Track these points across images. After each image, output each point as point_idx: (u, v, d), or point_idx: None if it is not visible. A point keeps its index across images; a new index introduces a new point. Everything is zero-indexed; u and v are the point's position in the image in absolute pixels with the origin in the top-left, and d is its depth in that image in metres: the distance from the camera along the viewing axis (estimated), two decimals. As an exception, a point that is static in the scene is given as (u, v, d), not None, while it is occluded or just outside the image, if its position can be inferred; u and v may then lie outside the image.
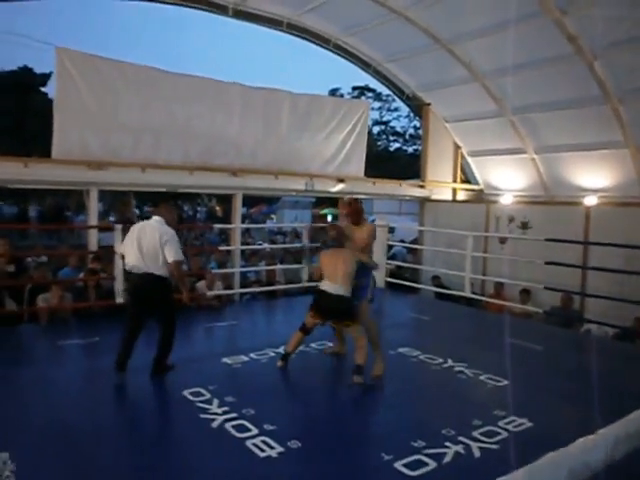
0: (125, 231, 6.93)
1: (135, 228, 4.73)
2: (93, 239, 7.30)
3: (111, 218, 16.30)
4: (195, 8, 8.62)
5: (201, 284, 7.64)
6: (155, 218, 4.73)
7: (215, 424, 3.72)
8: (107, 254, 7.06)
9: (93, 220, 7.36)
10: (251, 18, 9.12)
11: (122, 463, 3.25)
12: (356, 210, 5.17)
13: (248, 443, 3.44)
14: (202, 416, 3.85)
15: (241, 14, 8.92)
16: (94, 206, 7.37)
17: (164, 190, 8.29)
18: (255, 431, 3.60)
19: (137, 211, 16.28)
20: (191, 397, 4.19)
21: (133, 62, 7.77)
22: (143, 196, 19.52)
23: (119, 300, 6.54)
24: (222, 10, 8.70)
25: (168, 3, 8.45)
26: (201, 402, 4.10)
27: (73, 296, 6.76)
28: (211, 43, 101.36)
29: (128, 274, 4.77)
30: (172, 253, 4.53)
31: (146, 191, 10.63)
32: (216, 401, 4.11)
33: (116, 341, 6.00)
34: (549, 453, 1.07)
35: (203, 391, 4.30)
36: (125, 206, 12.45)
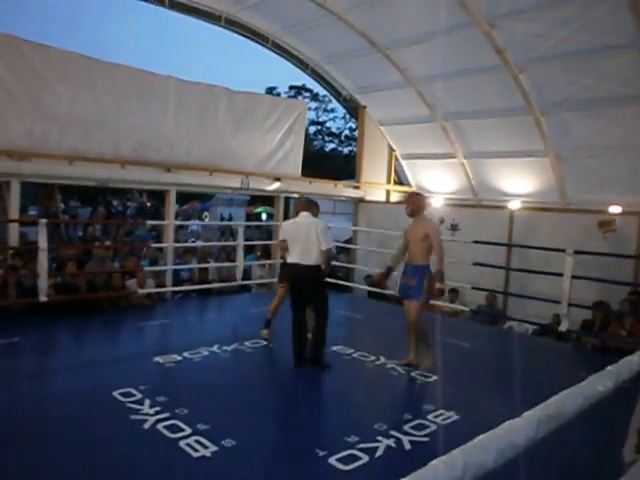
0: (49, 225, 6.67)
1: (290, 226, 5.25)
2: (14, 234, 6.89)
3: (32, 212, 15.40)
4: (129, -4, 8.33)
5: (131, 282, 7.40)
6: (303, 214, 5.21)
7: (147, 425, 3.62)
8: (30, 250, 6.70)
9: (14, 214, 6.95)
10: (188, 10, 8.93)
11: (47, 468, 3.10)
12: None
13: (181, 443, 3.38)
14: (133, 417, 3.74)
15: (178, 6, 8.70)
16: (15, 199, 6.95)
17: (94, 184, 7.96)
18: (188, 431, 3.55)
19: (62, 205, 15.47)
20: (121, 398, 4.06)
21: (61, 47, 7.40)
22: (72, 190, 18.61)
23: (43, 298, 6.22)
24: (158, 0, 8.46)
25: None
26: (132, 403, 3.97)
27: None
28: (146, 34, 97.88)
29: (291, 267, 5.13)
30: (326, 242, 5.07)
31: (73, 185, 10.15)
32: (147, 401, 4.00)
33: (39, 340, 5.74)
34: (479, 436, 1.15)
35: (134, 391, 4.18)
36: (50, 200, 11.81)
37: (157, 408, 3.89)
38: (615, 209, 7.83)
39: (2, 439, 3.38)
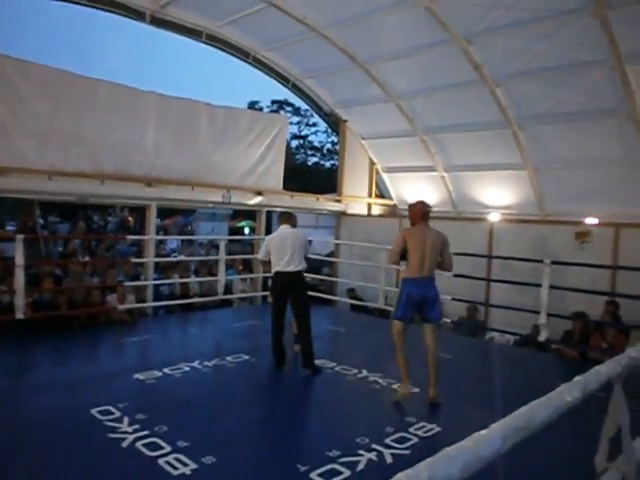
0: (27, 241, 6.58)
1: (275, 238, 5.62)
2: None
3: (10, 227, 15.14)
4: (110, 12, 8.30)
5: (112, 297, 7.32)
6: (285, 226, 5.71)
7: (125, 443, 3.57)
8: (7, 266, 6.59)
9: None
10: (169, 26, 8.93)
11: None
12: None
13: (160, 461, 3.34)
14: (111, 435, 3.69)
15: (159, 21, 8.71)
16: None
17: (74, 200, 7.87)
18: (168, 448, 3.50)
19: (42, 221, 15.25)
20: (99, 416, 4.00)
21: (39, 62, 7.37)
22: (51, 205, 18.33)
23: (19, 315, 6.11)
24: (139, 16, 8.47)
25: (81, 4, 8.07)
26: (110, 421, 3.92)
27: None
28: (127, 49, 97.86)
29: (280, 275, 5.50)
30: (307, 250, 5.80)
31: (53, 200, 10.03)
32: (126, 419, 3.95)
33: (15, 358, 5.65)
34: (445, 448, 1.16)
35: (112, 409, 4.12)
36: (28, 215, 11.66)
37: (136, 426, 3.84)
38: (591, 220, 7.97)
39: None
